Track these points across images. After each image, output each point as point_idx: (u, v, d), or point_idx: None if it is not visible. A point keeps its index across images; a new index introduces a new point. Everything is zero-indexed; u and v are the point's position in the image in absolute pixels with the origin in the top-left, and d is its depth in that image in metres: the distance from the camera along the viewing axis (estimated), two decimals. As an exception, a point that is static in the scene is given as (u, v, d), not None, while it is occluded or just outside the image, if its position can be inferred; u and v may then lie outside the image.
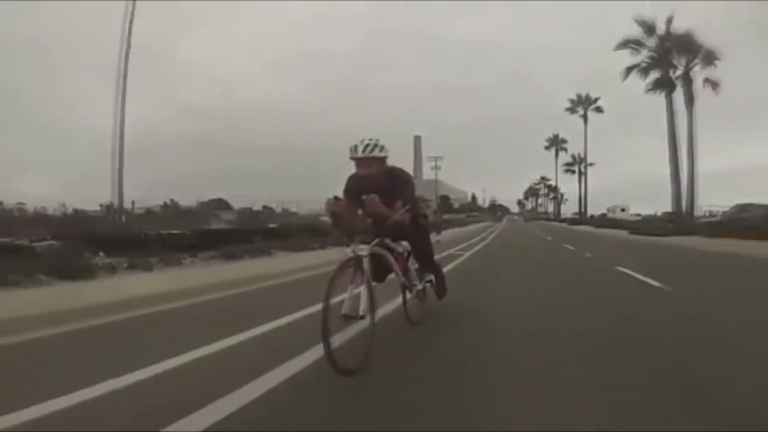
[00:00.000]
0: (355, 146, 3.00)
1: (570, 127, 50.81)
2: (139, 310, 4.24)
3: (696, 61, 23.24)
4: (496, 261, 9.97)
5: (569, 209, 64.80)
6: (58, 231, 10.53)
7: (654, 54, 23.97)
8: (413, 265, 3.60)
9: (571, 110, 41.49)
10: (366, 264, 2.73)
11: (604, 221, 37.34)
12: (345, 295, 2.60)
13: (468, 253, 11.53)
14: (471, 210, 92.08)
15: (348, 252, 2.76)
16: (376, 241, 3.01)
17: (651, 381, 2.35)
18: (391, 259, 3.20)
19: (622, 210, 54.15)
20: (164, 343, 3.05)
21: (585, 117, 40.89)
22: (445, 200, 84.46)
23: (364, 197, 2.87)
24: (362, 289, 2.63)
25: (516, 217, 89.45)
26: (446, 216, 50.02)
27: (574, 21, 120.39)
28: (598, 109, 34.34)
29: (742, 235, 14.05)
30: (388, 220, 2.99)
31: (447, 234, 22.86)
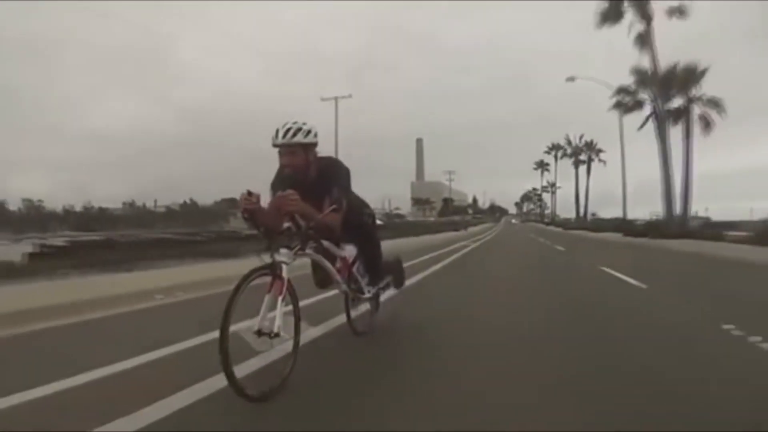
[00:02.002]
0: (276, 131, 2.52)
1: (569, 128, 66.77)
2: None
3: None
4: (501, 236, 28.22)
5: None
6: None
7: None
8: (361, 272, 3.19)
9: (548, 153, 60.84)
10: (285, 272, 2.29)
11: (561, 222, 56.48)
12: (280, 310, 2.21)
13: (490, 236, 29.78)
14: (476, 213, 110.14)
15: (265, 258, 2.32)
16: (298, 246, 2.47)
17: (530, 261, 20.50)
18: (327, 263, 2.84)
19: (593, 215, 72.61)
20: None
21: (555, 158, 59.93)
22: (449, 203, 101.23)
23: (279, 193, 2.39)
24: (279, 302, 2.21)
25: (514, 220, 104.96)
26: (455, 218, 67.89)
27: (572, 25, 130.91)
28: (565, 152, 53.24)
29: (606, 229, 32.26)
30: (310, 222, 2.47)
31: (471, 230, 41.27)
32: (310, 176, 2.63)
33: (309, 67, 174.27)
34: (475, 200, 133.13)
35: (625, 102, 23.76)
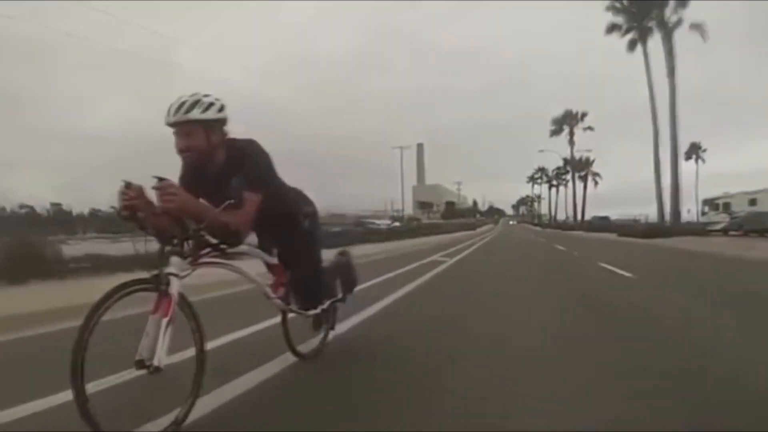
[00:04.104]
0: (169, 107, 1.96)
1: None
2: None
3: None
4: (502, 232, 47.79)
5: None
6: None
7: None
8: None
9: (535, 173, 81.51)
10: (175, 286, 1.77)
11: (543, 223, 75.43)
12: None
13: (495, 234, 49.47)
14: (480, 215, 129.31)
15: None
16: (207, 250, 2.00)
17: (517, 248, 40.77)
18: (250, 274, 2.30)
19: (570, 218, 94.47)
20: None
21: (541, 178, 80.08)
22: (450, 206, 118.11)
23: (156, 185, 1.80)
24: (162, 326, 1.70)
25: (511, 222, 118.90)
26: (459, 220, 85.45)
27: (569, 26, 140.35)
28: (544, 174, 74.49)
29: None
30: (201, 222, 1.88)
31: (479, 229, 61.21)
32: (217, 164, 2.06)
33: (308, 69, 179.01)
34: (475, 203, 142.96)
35: (560, 173, 55.35)
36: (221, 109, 2.03)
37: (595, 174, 57.67)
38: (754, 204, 29.24)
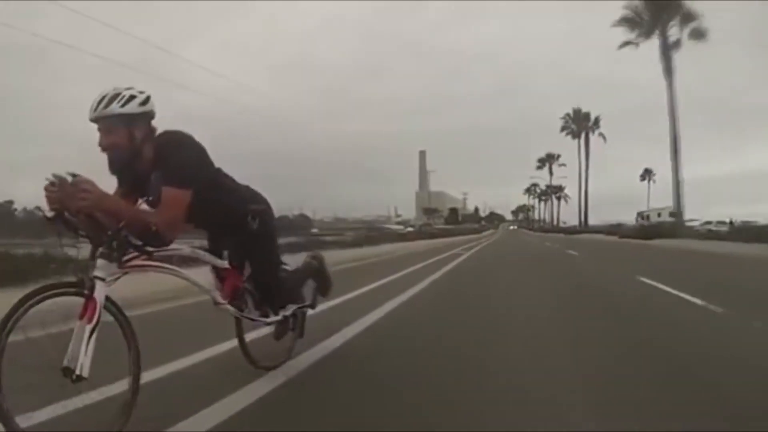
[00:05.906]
0: (93, 102, 1.86)
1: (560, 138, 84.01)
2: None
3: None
4: (502, 234, 64.71)
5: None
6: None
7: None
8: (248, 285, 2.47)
9: (530, 187, 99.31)
10: (100, 290, 1.69)
11: (535, 228, 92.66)
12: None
13: (497, 236, 65.57)
14: (482, 221, 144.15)
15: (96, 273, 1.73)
16: (133, 254, 1.86)
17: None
18: (191, 276, 2.14)
19: (564, 222, 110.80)
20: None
21: (534, 191, 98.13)
22: (454, 212, 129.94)
23: (72, 180, 1.69)
24: (86, 332, 1.63)
25: (511, 227, 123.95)
26: (465, 225, 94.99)
27: (570, 31, 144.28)
28: (536, 189, 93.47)
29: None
30: (120, 221, 1.78)
31: (484, 233, 78.00)
32: (146, 161, 1.95)
33: (310, 76, 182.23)
34: (476, 209, 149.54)
35: (547, 193, 79.53)
36: (145, 102, 1.90)
37: (566, 196, 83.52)
38: (660, 216, 47.59)
